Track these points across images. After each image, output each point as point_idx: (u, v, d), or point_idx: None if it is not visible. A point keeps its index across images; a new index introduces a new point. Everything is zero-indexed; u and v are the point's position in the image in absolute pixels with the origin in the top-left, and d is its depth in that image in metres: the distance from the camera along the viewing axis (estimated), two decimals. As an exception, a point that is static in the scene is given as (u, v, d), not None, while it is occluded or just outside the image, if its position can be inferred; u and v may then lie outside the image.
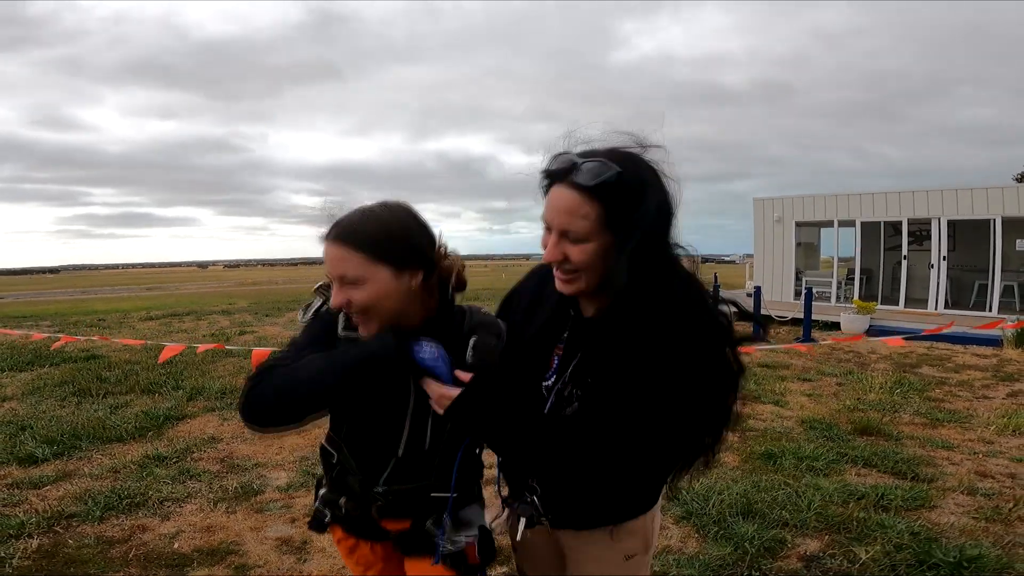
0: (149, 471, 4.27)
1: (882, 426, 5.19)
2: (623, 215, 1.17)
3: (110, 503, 3.70)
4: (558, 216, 1.19)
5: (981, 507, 3.63)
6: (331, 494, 1.46)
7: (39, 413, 5.86)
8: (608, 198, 1.15)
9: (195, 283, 42.96)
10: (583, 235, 1.17)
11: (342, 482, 1.43)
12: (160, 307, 18.99)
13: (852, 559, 3.02)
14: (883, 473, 4.16)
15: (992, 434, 5.07)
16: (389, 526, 1.42)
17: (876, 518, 3.41)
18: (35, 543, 3.25)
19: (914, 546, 3.10)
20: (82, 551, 3.17)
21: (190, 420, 5.66)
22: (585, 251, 1.19)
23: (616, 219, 1.17)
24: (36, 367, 8.22)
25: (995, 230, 11.85)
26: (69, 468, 4.38)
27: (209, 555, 3.14)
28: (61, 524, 3.48)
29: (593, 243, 1.18)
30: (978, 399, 6.41)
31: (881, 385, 6.74)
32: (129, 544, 3.25)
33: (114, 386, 6.91)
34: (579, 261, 1.20)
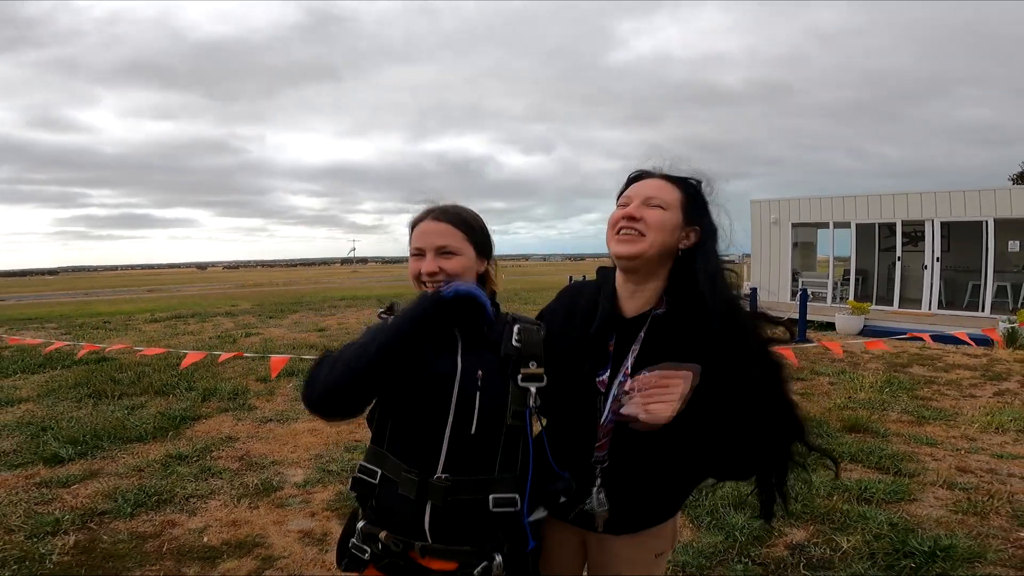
0: (172, 469, 4.50)
1: (870, 424, 5.43)
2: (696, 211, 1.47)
3: (139, 500, 3.93)
4: (646, 189, 1.47)
5: (959, 501, 3.85)
6: (372, 526, 1.44)
7: (57, 414, 6.09)
8: (686, 190, 1.47)
9: (196, 285, 43.13)
10: (664, 203, 1.45)
11: (388, 504, 1.43)
12: (163, 309, 19.19)
13: (834, 547, 3.26)
14: (868, 468, 4.40)
15: (976, 431, 5.30)
16: (433, 565, 1.41)
17: (858, 510, 3.65)
18: (72, 539, 3.46)
19: (892, 536, 3.34)
20: (117, 546, 3.39)
21: (205, 420, 5.89)
22: (659, 215, 1.44)
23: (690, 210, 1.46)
24: (48, 369, 8.44)
25: (988, 231, 12.08)
26: (94, 467, 4.60)
27: (237, 548, 3.36)
28: (94, 521, 3.70)
29: (669, 213, 1.44)
30: (965, 398, 6.64)
31: (872, 384, 6.98)
32: (161, 539, 3.48)
33: (128, 388, 7.14)
34: (652, 221, 1.43)
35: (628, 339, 1.49)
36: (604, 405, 1.47)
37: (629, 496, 1.48)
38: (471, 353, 1.48)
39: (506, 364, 1.47)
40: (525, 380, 1.46)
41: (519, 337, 1.50)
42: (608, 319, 1.52)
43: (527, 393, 1.45)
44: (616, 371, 1.47)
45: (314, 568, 3.15)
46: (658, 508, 1.52)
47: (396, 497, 1.42)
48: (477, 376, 1.44)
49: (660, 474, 1.48)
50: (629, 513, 1.49)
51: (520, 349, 1.48)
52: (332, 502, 3.92)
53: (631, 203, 1.46)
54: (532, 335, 1.51)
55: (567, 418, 1.51)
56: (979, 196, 12.28)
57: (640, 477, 1.48)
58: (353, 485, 1.50)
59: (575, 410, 1.50)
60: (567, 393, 1.49)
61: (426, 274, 1.48)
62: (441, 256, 1.48)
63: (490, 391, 1.44)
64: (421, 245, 1.50)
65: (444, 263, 1.48)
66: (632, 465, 1.47)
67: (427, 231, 1.51)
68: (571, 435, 1.50)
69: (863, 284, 14.74)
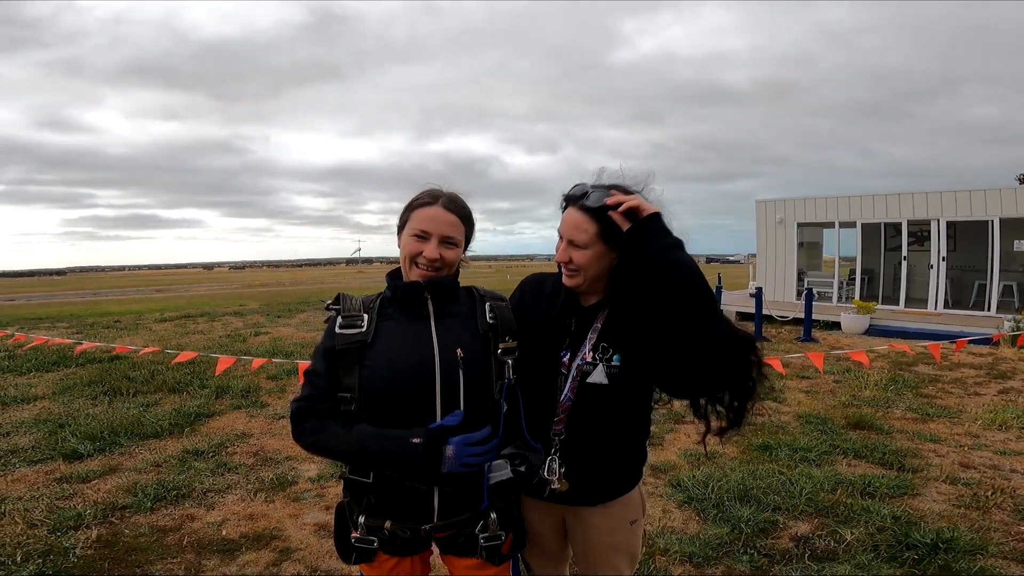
0: (189, 464, 4.60)
1: (874, 421, 5.49)
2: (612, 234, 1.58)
3: (159, 495, 4.03)
4: (568, 229, 1.62)
5: (961, 495, 3.91)
6: (374, 519, 1.54)
7: (73, 411, 6.20)
8: (600, 220, 1.57)
9: (203, 285, 43.37)
10: (584, 243, 1.59)
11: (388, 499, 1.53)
12: (172, 308, 19.35)
13: (838, 540, 3.33)
14: (872, 464, 4.47)
15: (979, 428, 5.35)
16: (438, 535, 1.58)
17: (862, 504, 3.72)
18: (94, 533, 3.55)
19: (895, 529, 3.41)
20: (139, 540, 3.49)
21: (219, 417, 6.00)
22: (584, 255, 1.60)
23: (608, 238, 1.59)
24: (61, 367, 8.56)
25: (993, 231, 12.08)
26: (113, 463, 4.71)
27: (255, 540, 3.46)
28: (115, 515, 3.80)
29: (590, 250, 1.60)
30: (969, 396, 6.68)
31: (876, 382, 7.03)
32: (181, 532, 3.57)
33: (142, 385, 7.25)
34: (579, 262, 1.61)
35: (586, 325, 1.67)
36: (564, 383, 1.64)
37: (589, 468, 1.65)
38: (444, 328, 1.57)
39: (485, 339, 1.60)
40: (504, 354, 1.59)
41: (493, 314, 1.63)
42: (569, 305, 1.70)
43: (505, 366, 1.59)
44: (575, 354, 1.65)
45: (331, 560, 3.23)
46: (620, 478, 1.72)
47: (401, 489, 1.53)
48: (457, 356, 1.53)
49: (614, 446, 1.68)
50: (594, 484, 1.67)
51: (496, 324, 1.62)
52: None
53: (561, 242, 1.63)
54: (504, 312, 1.66)
55: (530, 393, 1.64)
56: (985, 195, 12.28)
57: (596, 450, 1.65)
58: (345, 486, 1.61)
59: (538, 386, 1.66)
60: (533, 370, 1.65)
61: (428, 259, 1.56)
62: (444, 245, 1.58)
63: (473, 369, 1.54)
64: (429, 229, 1.56)
65: (445, 252, 1.57)
66: (587, 438, 1.64)
67: (437, 218, 1.57)
68: (533, 409, 1.64)
69: (869, 284, 14.75)
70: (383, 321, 1.57)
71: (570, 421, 1.65)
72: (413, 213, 1.60)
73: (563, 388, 1.66)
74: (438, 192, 1.62)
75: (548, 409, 1.66)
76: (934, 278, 12.93)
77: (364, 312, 1.59)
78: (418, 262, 1.56)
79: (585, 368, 1.64)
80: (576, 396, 1.64)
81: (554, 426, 1.66)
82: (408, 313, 1.58)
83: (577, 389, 1.64)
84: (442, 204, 1.59)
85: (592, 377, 1.63)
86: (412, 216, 1.59)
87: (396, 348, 1.52)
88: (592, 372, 1.64)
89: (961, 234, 13.50)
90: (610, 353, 1.65)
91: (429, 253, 1.54)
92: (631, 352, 1.63)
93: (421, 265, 1.56)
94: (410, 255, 1.57)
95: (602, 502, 1.70)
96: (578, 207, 1.61)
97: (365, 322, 1.56)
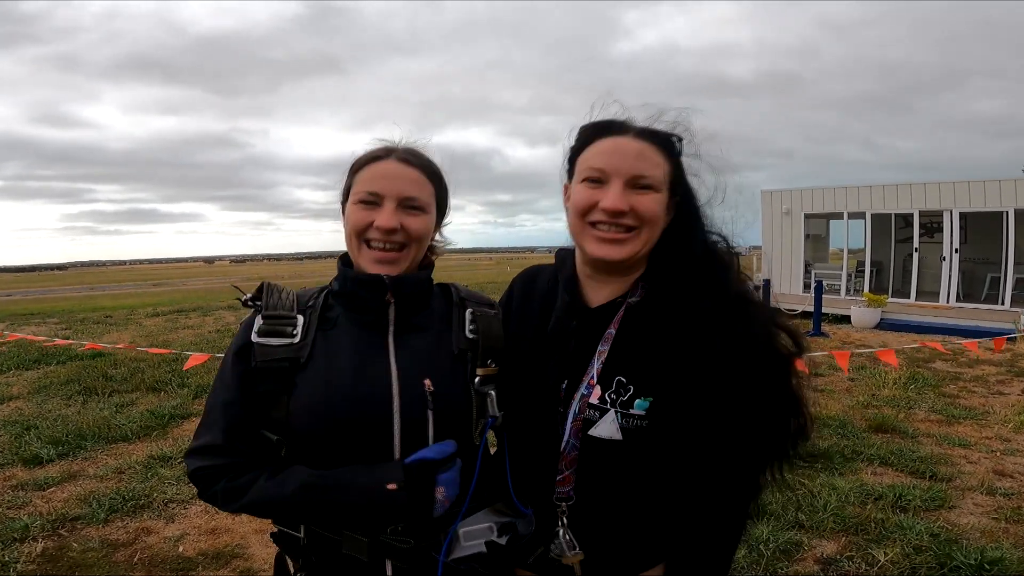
0: (154, 472, 4.24)
1: (897, 423, 5.11)
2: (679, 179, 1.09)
3: (114, 505, 3.67)
4: (626, 160, 1.06)
5: (1001, 507, 3.55)
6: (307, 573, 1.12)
7: (45, 412, 5.86)
8: (672, 155, 1.09)
9: (202, 279, 43.14)
10: (656, 183, 1.06)
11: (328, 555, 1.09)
12: (167, 303, 19.05)
13: (871, 562, 2.96)
14: (900, 472, 4.09)
15: (1009, 431, 4.98)
16: None
17: (894, 519, 3.34)
18: (39, 547, 3.22)
19: (934, 548, 3.03)
20: (87, 555, 3.14)
21: (195, 419, 5.62)
22: (657, 201, 1.07)
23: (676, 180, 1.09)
24: (42, 365, 8.22)
25: (1008, 222, 11.68)
26: (74, 469, 4.36)
27: (214, 559, 3.10)
28: (65, 527, 3.45)
29: (662, 195, 1.07)
30: (993, 395, 6.31)
31: (895, 381, 6.65)
32: (134, 547, 3.22)
33: (120, 384, 6.90)
34: (649, 212, 1.06)
35: (592, 337, 1.13)
36: (564, 425, 1.12)
37: (605, 539, 1.15)
38: (407, 347, 1.12)
39: (463, 362, 1.14)
40: (484, 383, 1.12)
41: (475, 327, 1.16)
42: (569, 311, 1.18)
43: (487, 399, 1.12)
44: (577, 380, 1.12)
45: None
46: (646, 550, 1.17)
47: (339, 556, 1.08)
48: (425, 389, 1.08)
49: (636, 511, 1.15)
50: (610, 558, 1.16)
51: (477, 341, 1.15)
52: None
53: (608, 180, 1.06)
54: (491, 323, 1.18)
55: (521, 438, 1.17)
56: (999, 186, 11.89)
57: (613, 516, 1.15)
58: (274, 537, 1.16)
59: (532, 431, 1.17)
60: (522, 405, 1.16)
61: (382, 230, 1.09)
62: (405, 210, 1.12)
63: (446, 406, 1.09)
64: (379, 190, 1.11)
65: (408, 220, 1.11)
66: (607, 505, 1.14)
67: (391, 173, 1.13)
68: (527, 462, 1.17)
69: (877, 276, 14.37)
70: (324, 330, 1.13)
71: (581, 481, 1.12)
72: (359, 174, 1.15)
73: (565, 433, 1.11)
74: (391, 146, 1.19)
75: (547, 462, 1.14)
76: (946, 271, 12.53)
77: (297, 313, 1.13)
78: (370, 238, 1.11)
79: (588, 413, 1.10)
80: (582, 449, 1.11)
81: (558, 487, 1.13)
82: (359, 319, 1.14)
83: (582, 438, 1.10)
84: (396, 157, 1.15)
85: (598, 429, 1.09)
86: (357, 178, 1.15)
87: (339, 372, 1.09)
88: (598, 421, 1.09)
89: (972, 226, 13.10)
90: (630, 393, 1.08)
91: (383, 221, 1.09)
92: (668, 395, 1.07)
93: (375, 243, 1.11)
94: (357, 229, 1.12)
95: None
96: (633, 133, 1.08)
97: (299, 329, 1.11)
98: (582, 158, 1.11)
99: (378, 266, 1.12)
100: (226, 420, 1.08)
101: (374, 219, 1.10)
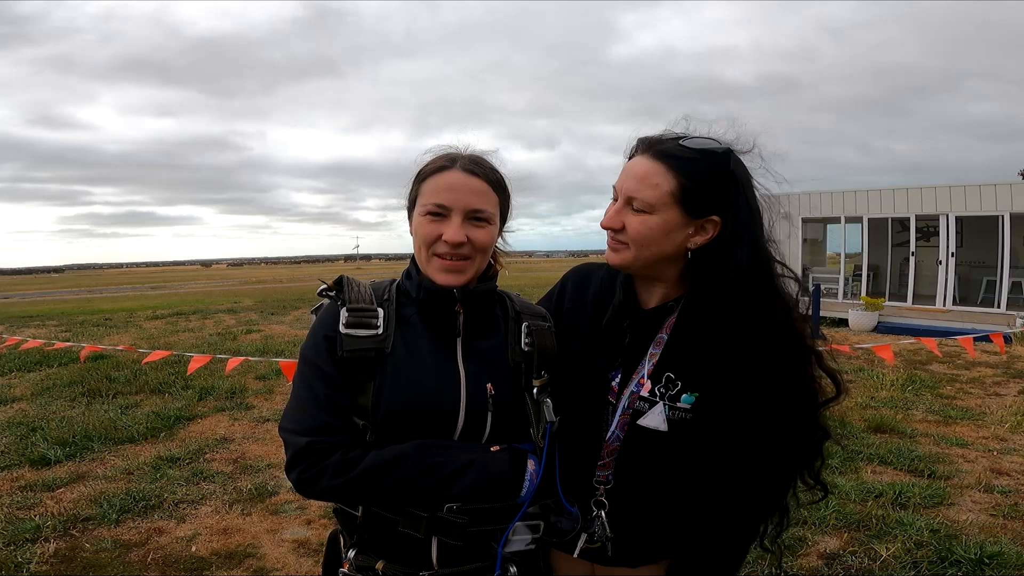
0: (163, 472, 4.27)
1: (896, 424, 5.18)
2: (701, 196, 1.13)
3: (125, 506, 3.70)
4: (627, 180, 1.16)
5: (998, 504, 3.61)
6: (365, 556, 1.17)
7: (49, 414, 5.88)
8: (687, 173, 1.12)
9: (200, 282, 43.05)
10: (648, 205, 1.13)
11: (381, 537, 1.16)
12: (166, 306, 19.01)
13: (873, 556, 3.01)
14: (899, 471, 4.15)
15: (1006, 431, 5.04)
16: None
17: (895, 516, 3.40)
18: (52, 547, 3.24)
19: (934, 543, 3.10)
20: (100, 555, 3.17)
21: (200, 420, 5.67)
22: (643, 224, 1.14)
23: (692, 198, 1.13)
24: (44, 367, 8.24)
25: (1003, 226, 11.77)
26: (82, 470, 4.39)
27: (227, 558, 3.13)
28: (77, 527, 3.48)
29: (656, 217, 1.13)
30: (990, 396, 6.37)
31: (892, 382, 6.71)
32: (147, 548, 3.25)
33: (123, 386, 6.93)
34: (634, 232, 1.15)
35: (645, 336, 1.22)
36: (612, 417, 1.21)
37: (638, 523, 1.24)
38: (473, 352, 1.19)
39: (517, 372, 1.20)
40: (540, 392, 1.19)
41: (530, 340, 1.22)
42: (623, 309, 1.25)
43: (543, 406, 1.18)
44: (628, 376, 1.22)
45: (309, 581, 2.92)
46: (675, 535, 1.26)
47: (394, 533, 1.14)
48: (487, 392, 1.16)
49: (671, 498, 1.24)
50: (641, 542, 1.25)
51: (532, 354, 1.21)
52: (329, 509, 3.67)
53: (617, 197, 1.18)
54: (545, 337, 1.23)
55: (568, 429, 1.24)
56: (995, 190, 11.97)
57: (654, 506, 1.24)
58: (336, 512, 1.24)
59: (576, 418, 1.24)
60: (572, 400, 1.23)
61: (450, 243, 1.14)
62: (471, 222, 1.16)
63: (503, 410, 1.17)
64: (446, 203, 1.14)
65: (474, 233, 1.15)
66: (643, 492, 1.23)
67: (457, 185, 1.16)
68: (570, 450, 1.24)
69: (874, 280, 14.44)
70: (401, 327, 1.18)
71: (620, 468, 1.21)
72: (424, 184, 1.19)
73: (610, 423, 1.21)
74: (455, 154, 1.21)
75: (590, 449, 1.23)
76: (942, 274, 12.61)
77: (378, 306, 1.18)
78: (438, 251, 1.16)
79: (638, 404, 1.19)
80: (627, 438, 1.21)
81: (598, 471, 1.22)
82: (433, 323, 1.20)
83: (628, 429, 1.20)
84: (461, 167, 1.18)
85: (647, 419, 1.19)
86: (423, 188, 1.19)
87: (419, 367, 1.15)
88: (647, 412, 1.19)
89: (968, 229, 13.18)
90: (677, 388, 1.17)
91: (451, 235, 1.13)
92: (713, 392, 1.16)
93: (443, 254, 1.15)
94: (426, 241, 1.16)
95: (648, 563, 1.27)
96: (652, 153, 1.14)
97: (381, 321, 1.16)
98: None
99: (445, 275, 1.16)
100: (330, 401, 1.12)
101: (442, 232, 1.14)
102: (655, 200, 1.13)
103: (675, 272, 1.22)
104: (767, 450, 1.16)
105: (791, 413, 1.15)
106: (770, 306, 1.15)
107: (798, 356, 1.17)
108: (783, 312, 1.17)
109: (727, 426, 1.16)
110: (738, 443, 1.17)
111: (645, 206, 1.13)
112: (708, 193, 1.13)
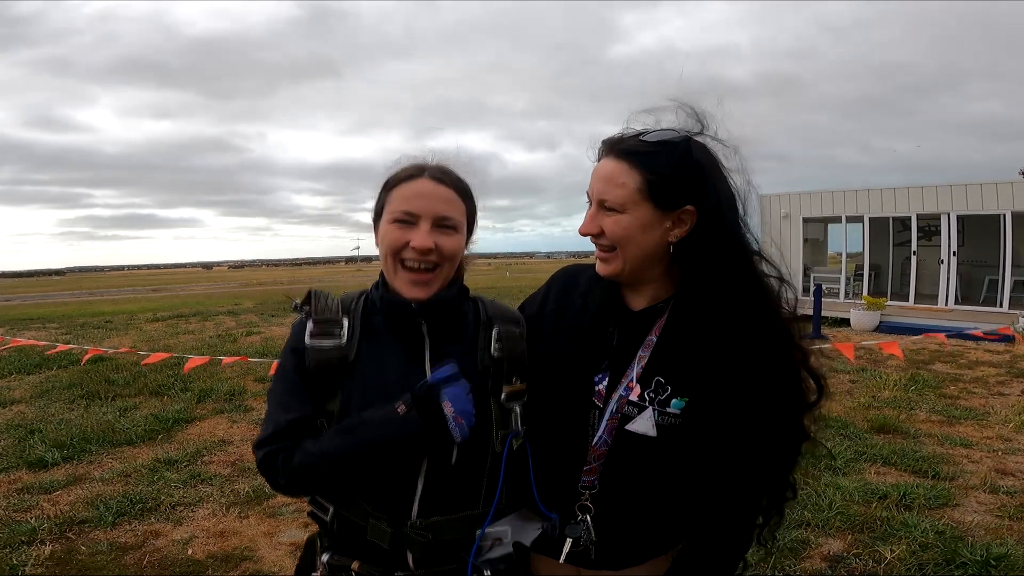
0: (160, 475, 4.24)
1: (899, 424, 5.14)
2: (669, 189, 1.11)
3: (122, 508, 3.67)
4: (596, 184, 1.16)
5: (1004, 505, 3.57)
6: (340, 557, 1.18)
7: (48, 416, 5.86)
8: (650, 168, 1.12)
9: (201, 284, 43.08)
10: (619, 204, 1.13)
11: (354, 539, 1.17)
12: (166, 308, 19.01)
13: (877, 559, 2.98)
14: (903, 471, 4.11)
15: (1010, 431, 5.00)
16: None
17: (899, 517, 3.36)
18: (47, 550, 3.21)
19: (940, 545, 3.06)
20: (95, 558, 3.14)
21: (199, 422, 5.64)
22: (620, 223, 1.13)
23: (661, 191, 1.12)
24: (44, 369, 8.21)
25: (1005, 225, 11.73)
26: (79, 472, 4.36)
27: (223, 561, 3.10)
28: (73, 530, 3.45)
29: (628, 215, 1.13)
30: (993, 396, 6.33)
31: (895, 382, 6.68)
32: (143, 550, 3.22)
33: (122, 388, 6.90)
34: (613, 234, 1.14)
35: (635, 339, 1.20)
36: (599, 422, 1.19)
37: (623, 526, 1.22)
38: (440, 357, 1.19)
39: (484, 377, 1.19)
40: (509, 399, 1.19)
41: (500, 345, 1.21)
42: (605, 312, 1.23)
43: (511, 414, 1.18)
44: (616, 380, 1.19)
45: (307, 584, 2.88)
46: (660, 537, 1.25)
47: (364, 542, 1.15)
48: None
49: (657, 501, 1.22)
50: (626, 544, 1.23)
51: (502, 361, 1.20)
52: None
53: (590, 203, 1.18)
54: (515, 342, 1.23)
55: (552, 433, 1.22)
56: (996, 189, 11.94)
57: (635, 506, 1.21)
58: (310, 515, 1.24)
59: (563, 424, 1.22)
60: (555, 403, 1.21)
61: (418, 249, 1.15)
62: (439, 230, 1.17)
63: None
64: (414, 210, 1.17)
65: (441, 239, 1.17)
66: (629, 498, 1.20)
67: (426, 193, 1.18)
68: (555, 455, 1.21)
69: (876, 279, 14.41)
70: (367, 336, 1.20)
71: (606, 473, 1.19)
72: (393, 192, 1.21)
73: (597, 427, 1.18)
74: (423, 164, 1.23)
75: (575, 454, 1.21)
76: (944, 274, 12.57)
77: (343, 316, 1.20)
78: (405, 258, 1.17)
79: (627, 409, 1.17)
80: (614, 443, 1.18)
81: (583, 476, 1.20)
82: (398, 333, 1.21)
83: (615, 434, 1.17)
84: (430, 175, 1.20)
85: (635, 424, 1.16)
86: (392, 196, 1.20)
87: (386, 375, 1.17)
88: (636, 417, 1.16)
89: (969, 228, 13.14)
90: (667, 393, 1.16)
91: (419, 242, 1.15)
92: (703, 396, 1.15)
93: (410, 262, 1.17)
94: (393, 249, 1.17)
95: (631, 565, 1.24)
96: (615, 153, 1.15)
97: (345, 330, 1.19)
98: None
99: (412, 288, 1.18)
100: (287, 410, 1.16)
101: (409, 239, 1.16)
102: (624, 199, 1.13)
103: (661, 271, 1.20)
104: (755, 453, 1.15)
105: (781, 416, 1.15)
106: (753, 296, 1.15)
107: (787, 353, 1.17)
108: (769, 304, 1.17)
109: (716, 431, 1.15)
110: (726, 447, 1.16)
111: (616, 206, 1.13)
112: (675, 184, 1.12)
